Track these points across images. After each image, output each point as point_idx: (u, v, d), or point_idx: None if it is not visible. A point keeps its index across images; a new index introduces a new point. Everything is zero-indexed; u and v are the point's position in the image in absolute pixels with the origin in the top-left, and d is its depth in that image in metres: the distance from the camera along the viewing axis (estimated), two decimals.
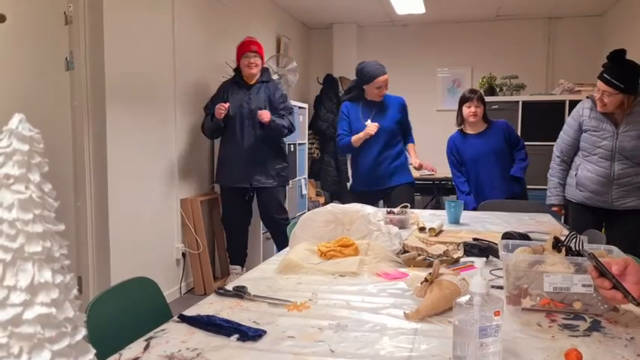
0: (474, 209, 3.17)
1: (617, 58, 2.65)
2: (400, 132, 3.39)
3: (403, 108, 3.42)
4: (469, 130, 3.37)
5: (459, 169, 3.44)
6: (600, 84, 2.67)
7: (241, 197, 3.75)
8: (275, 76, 4.43)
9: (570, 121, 2.94)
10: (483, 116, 3.36)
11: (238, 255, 3.90)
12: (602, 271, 1.01)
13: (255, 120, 3.54)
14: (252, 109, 3.57)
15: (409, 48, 6.48)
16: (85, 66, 2.94)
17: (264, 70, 3.76)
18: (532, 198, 3.65)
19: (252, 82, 3.67)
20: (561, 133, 3.01)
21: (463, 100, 3.35)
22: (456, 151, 3.41)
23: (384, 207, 2.97)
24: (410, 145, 3.47)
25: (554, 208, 3.03)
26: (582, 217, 2.89)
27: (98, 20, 2.93)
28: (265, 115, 3.49)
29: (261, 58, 3.69)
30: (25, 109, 0.89)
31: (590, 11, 5.79)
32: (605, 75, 2.65)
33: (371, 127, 3.21)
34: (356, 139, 3.26)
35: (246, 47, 3.63)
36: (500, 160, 3.31)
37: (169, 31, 3.61)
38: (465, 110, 3.33)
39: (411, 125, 3.51)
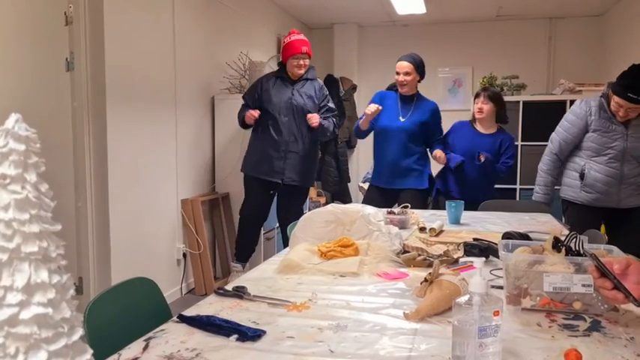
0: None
1: (636, 72, 2.58)
2: (425, 136, 3.33)
3: (432, 113, 3.35)
4: (478, 127, 3.35)
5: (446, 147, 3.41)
6: (624, 102, 2.59)
7: (266, 191, 3.69)
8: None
9: (573, 119, 2.86)
10: (497, 118, 3.33)
11: (246, 250, 3.82)
12: (603, 272, 1.01)
13: (297, 117, 3.52)
14: (295, 106, 3.54)
15: (410, 48, 6.40)
16: (85, 66, 2.94)
17: (310, 68, 3.69)
18: (530, 198, 3.62)
19: (296, 79, 3.63)
20: (559, 129, 2.94)
21: (475, 97, 3.37)
22: (451, 137, 3.39)
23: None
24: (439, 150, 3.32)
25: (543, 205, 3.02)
26: (585, 217, 2.86)
27: (98, 20, 2.93)
28: (315, 119, 3.47)
29: (310, 57, 3.63)
30: (25, 110, 0.89)
31: (591, 11, 5.78)
32: (629, 95, 2.55)
33: (370, 106, 3.19)
34: (362, 121, 3.28)
35: (297, 49, 3.53)
36: (485, 168, 3.26)
37: (170, 31, 3.61)
38: (474, 105, 3.34)
39: (442, 132, 3.42)
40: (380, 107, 3.21)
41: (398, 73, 3.27)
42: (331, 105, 3.70)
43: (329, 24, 6.47)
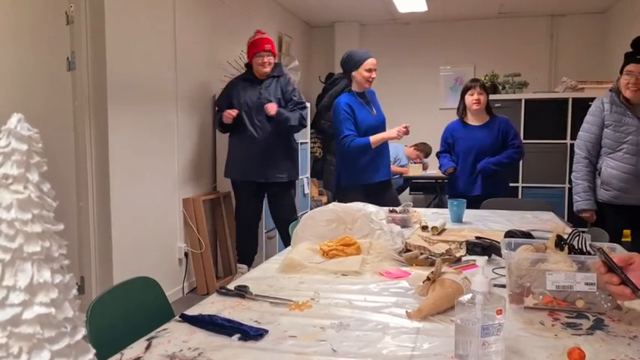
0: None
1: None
2: None
3: (375, 95, 3.43)
4: (471, 121, 3.34)
5: (447, 153, 3.43)
6: (633, 67, 2.67)
7: (253, 192, 3.72)
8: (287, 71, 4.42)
9: (591, 118, 2.87)
10: (487, 107, 3.33)
11: (247, 253, 3.86)
12: (610, 267, 1.00)
13: (266, 114, 3.53)
14: (263, 104, 3.55)
15: (411, 46, 6.47)
16: (86, 66, 2.94)
17: (276, 65, 3.73)
18: (532, 196, 3.63)
19: (263, 78, 3.66)
20: (581, 132, 2.93)
21: (465, 90, 3.34)
22: (451, 139, 3.39)
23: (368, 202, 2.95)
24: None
25: (585, 214, 2.91)
26: (607, 216, 2.82)
27: (100, 20, 2.93)
28: (271, 107, 3.49)
29: (274, 56, 3.67)
30: (26, 110, 0.89)
31: (593, 8, 5.76)
32: (638, 57, 2.65)
33: (401, 129, 3.12)
34: (378, 139, 3.17)
35: (260, 46, 3.59)
36: (493, 156, 3.27)
37: (171, 30, 3.61)
38: (468, 99, 3.29)
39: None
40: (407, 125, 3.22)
41: (370, 70, 3.23)
42: (299, 98, 3.71)
43: (330, 22, 6.46)
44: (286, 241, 3.78)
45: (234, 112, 3.51)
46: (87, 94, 2.96)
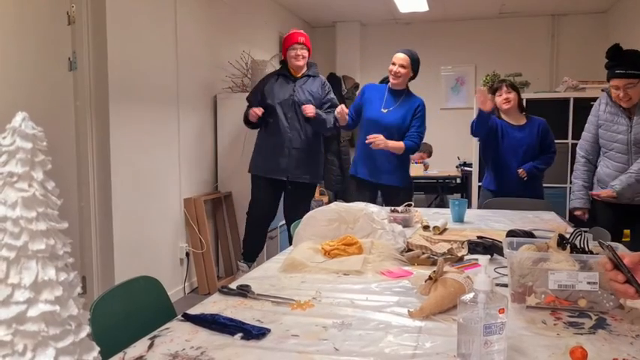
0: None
1: (617, 52, 2.63)
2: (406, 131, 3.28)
3: (415, 108, 3.28)
4: (509, 120, 3.28)
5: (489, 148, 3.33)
6: (617, 81, 2.63)
7: (273, 190, 3.68)
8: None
9: (590, 118, 2.91)
10: (520, 107, 3.29)
11: (253, 250, 3.81)
12: (617, 264, 1.00)
13: (299, 113, 3.51)
14: (296, 102, 3.53)
15: (412, 46, 6.40)
16: (88, 66, 2.94)
17: (311, 65, 3.70)
18: (535, 196, 3.61)
19: (299, 75, 3.62)
20: (583, 132, 2.96)
21: (493, 92, 3.29)
22: (496, 129, 3.24)
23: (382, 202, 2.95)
24: (399, 142, 3.22)
25: (577, 212, 2.94)
26: (603, 214, 2.83)
27: (101, 20, 2.94)
28: (310, 109, 3.44)
29: (309, 51, 3.64)
30: (28, 109, 0.89)
31: (594, 8, 5.76)
32: (617, 71, 2.61)
33: (339, 110, 3.22)
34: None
35: (294, 39, 3.57)
36: (533, 158, 3.22)
37: (172, 30, 3.61)
38: (498, 100, 3.24)
39: (420, 130, 3.29)
40: (344, 109, 3.26)
41: (394, 64, 3.27)
42: (334, 100, 3.68)
43: (331, 22, 6.46)
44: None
45: (259, 112, 3.45)
46: (88, 94, 2.96)
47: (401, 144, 3.21)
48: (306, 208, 3.68)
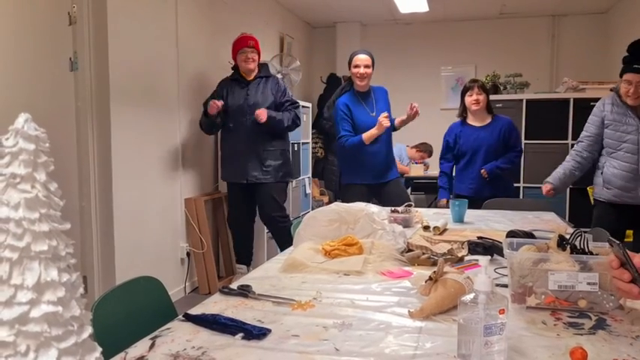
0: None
1: (638, 48, 2.67)
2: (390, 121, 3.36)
3: (387, 95, 3.43)
4: (473, 122, 3.34)
5: (449, 156, 3.42)
6: (631, 76, 2.66)
7: (242, 194, 3.73)
8: (279, 76, 4.42)
9: (592, 118, 2.93)
10: (487, 108, 3.33)
11: (244, 254, 3.88)
12: (626, 263, 0.99)
13: (252, 116, 3.52)
14: (250, 105, 3.55)
15: (412, 47, 6.47)
16: (89, 66, 2.95)
17: (263, 66, 3.74)
18: (534, 196, 3.63)
19: (251, 78, 3.65)
20: (583, 131, 2.98)
21: (464, 91, 3.35)
22: (453, 141, 3.37)
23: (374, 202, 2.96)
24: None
25: (544, 186, 2.99)
26: (607, 215, 2.85)
27: (102, 20, 2.94)
28: (262, 114, 3.44)
29: (258, 53, 3.68)
30: (29, 110, 0.90)
31: (595, 9, 5.76)
32: (634, 66, 2.65)
33: (384, 119, 3.17)
34: (369, 136, 3.22)
35: (243, 43, 3.61)
36: (497, 157, 3.27)
37: (173, 30, 3.62)
38: (467, 99, 3.31)
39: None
40: (387, 115, 3.24)
41: (358, 66, 3.26)
42: (291, 98, 3.70)
43: (332, 23, 6.47)
44: (276, 237, 3.78)
45: (220, 103, 3.46)
46: (89, 95, 2.96)
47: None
48: (274, 202, 3.68)
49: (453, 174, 3.45)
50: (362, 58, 3.28)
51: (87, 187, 3.00)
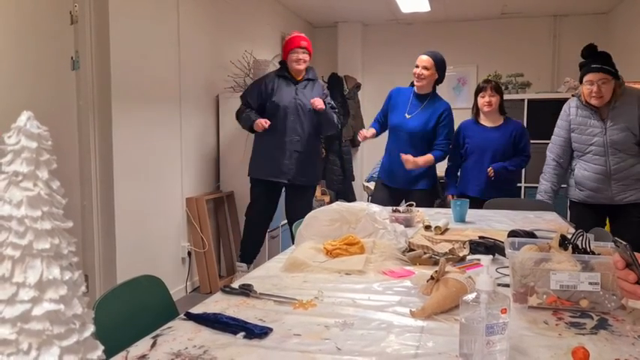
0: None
1: (593, 50, 2.76)
2: (432, 136, 3.23)
3: (441, 113, 3.23)
4: (484, 122, 3.32)
5: (455, 157, 3.40)
6: (592, 76, 2.70)
7: (270, 192, 3.69)
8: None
9: (559, 122, 2.96)
10: (500, 109, 3.31)
11: (251, 251, 3.82)
12: (632, 264, 0.98)
13: (301, 116, 3.52)
14: (298, 105, 3.53)
15: (414, 46, 6.42)
16: (90, 65, 2.95)
17: (310, 68, 3.70)
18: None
19: (299, 79, 3.63)
20: (553, 136, 3.01)
21: (478, 91, 3.34)
22: (462, 138, 3.34)
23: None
24: (428, 155, 3.18)
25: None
26: (584, 215, 2.89)
27: (104, 19, 2.94)
28: (319, 102, 3.45)
29: (310, 55, 3.64)
30: (30, 109, 0.90)
31: (596, 9, 5.75)
32: (592, 66, 2.71)
33: (365, 132, 3.22)
34: (362, 135, 3.27)
35: (296, 43, 3.57)
36: (504, 159, 3.27)
37: (174, 29, 3.62)
38: (480, 100, 3.29)
39: (449, 137, 3.25)
40: (373, 132, 3.26)
41: (417, 66, 3.25)
42: (332, 102, 3.70)
43: (333, 22, 6.46)
44: None
45: (267, 124, 3.41)
46: (91, 94, 2.97)
47: (430, 157, 3.18)
48: (307, 208, 3.68)
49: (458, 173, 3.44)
50: (422, 59, 3.25)
51: (88, 185, 3.00)
